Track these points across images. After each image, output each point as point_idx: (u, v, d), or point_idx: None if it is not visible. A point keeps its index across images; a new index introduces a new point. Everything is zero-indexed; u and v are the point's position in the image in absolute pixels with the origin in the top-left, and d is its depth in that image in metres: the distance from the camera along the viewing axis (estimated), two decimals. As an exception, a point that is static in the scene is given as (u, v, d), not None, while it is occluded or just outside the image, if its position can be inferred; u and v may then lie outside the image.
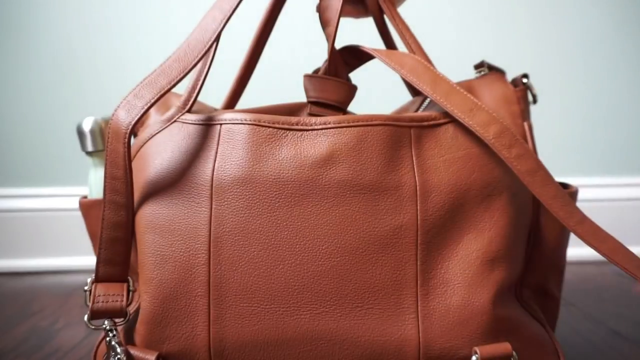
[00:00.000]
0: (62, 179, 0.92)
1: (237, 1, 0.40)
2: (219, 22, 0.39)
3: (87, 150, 0.46)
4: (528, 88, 0.44)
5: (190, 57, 0.38)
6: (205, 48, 0.38)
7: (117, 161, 0.36)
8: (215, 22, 0.39)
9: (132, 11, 0.91)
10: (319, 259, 0.37)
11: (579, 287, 0.77)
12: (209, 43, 0.38)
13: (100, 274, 0.37)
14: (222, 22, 0.39)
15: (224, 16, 0.39)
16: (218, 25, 0.39)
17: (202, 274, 0.36)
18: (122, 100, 0.37)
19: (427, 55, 0.45)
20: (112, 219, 0.36)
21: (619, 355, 0.51)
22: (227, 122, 0.38)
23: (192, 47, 0.39)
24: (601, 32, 0.94)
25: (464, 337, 0.36)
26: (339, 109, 0.42)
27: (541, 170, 0.37)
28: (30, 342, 0.57)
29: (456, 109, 0.38)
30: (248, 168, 0.37)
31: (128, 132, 0.36)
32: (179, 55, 0.39)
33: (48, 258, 0.91)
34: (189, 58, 0.38)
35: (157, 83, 0.37)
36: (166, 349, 0.36)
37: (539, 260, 0.42)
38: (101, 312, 0.36)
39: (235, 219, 0.37)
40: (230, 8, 0.39)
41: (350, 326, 0.36)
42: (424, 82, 0.39)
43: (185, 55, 0.38)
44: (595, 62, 0.95)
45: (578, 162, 0.96)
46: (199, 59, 0.38)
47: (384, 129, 0.38)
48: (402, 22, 0.46)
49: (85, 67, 0.91)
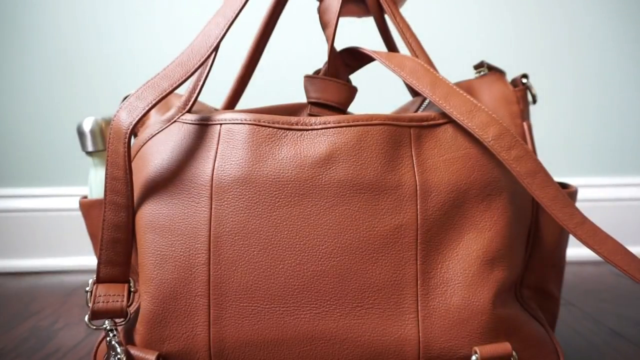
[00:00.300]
0: (62, 179, 0.92)
1: (240, 7, 0.40)
2: (221, 27, 0.40)
3: (87, 150, 0.46)
4: (527, 88, 0.44)
5: (192, 62, 0.39)
6: (208, 53, 0.39)
7: (117, 162, 0.36)
8: (218, 27, 0.40)
9: (133, 11, 0.91)
10: (318, 258, 0.37)
11: (579, 287, 0.77)
12: (212, 48, 0.39)
13: (102, 275, 0.37)
14: (225, 27, 0.40)
15: (227, 22, 0.40)
16: (220, 31, 0.39)
17: (202, 274, 0.36)
18: (124, 102, 0.37)
19: (427, 55, 0.45)
20: (112, 219, 0.36)
21: (619, 355, 0.52)
22: (227, 122, 0.38)
23: (195, 52, 0.39)
24: (602, 32, 0.94)
25: (464, 337, 0.36)
26: (339, 110, 0.42)
27: (541, 171, 0.37)
28: (30, 342, 0.57)
29: (455, 111, 0.38)
30: (248, 168, 0.37)
31: (128, 133, 0.36)
32: (182, 59, 0.39)
33: (48, 258, 0.91)
34: (191, 62, 0.39)
35: (159, 86, 0.38)
36: (166, 349, 0.36)
37: (539, 259, 0.42)
38: (102, 312, 0.36)
39: (235, 218, 0.37)
40: (233, 14, 0.40)
41: (350, 326, 0.36)
42: (423, 84, 0.39)
43: (188, 59, 0.39)
44: (595, 62, 0.95)
45: (578, 162, 0.96)
46: (200, 64, 0.39)
47: (384, 128, 0.38)
48: (403, 22, 0.46)
49: (85, 67, 0.91)
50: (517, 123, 0.42)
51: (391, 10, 0.46)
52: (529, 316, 0.40)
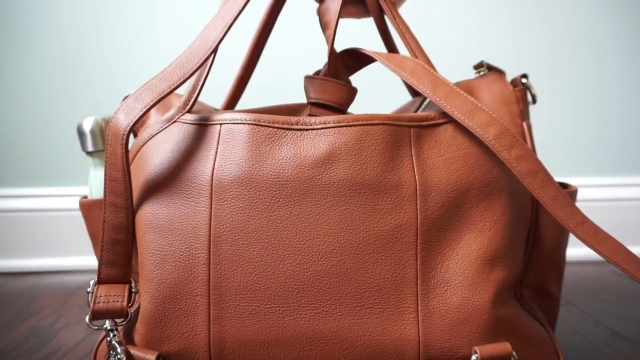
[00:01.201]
0: (62, 179, 0.92)
1: (239, 10, 0.40)
2: (220, 30, 0.40)
3: (87, 150, 0.46)
4: (527, 88, 0.44)
5: (191, 64, 0.39)
6: (206, 55, 0.39)
7: (115, 163, 0.36)
8: (217, 30, 0.40)
9: (131, 12, 0.91)
10: (318, 258, 0.37)
11: (579, 287, 0.77)
12: (210, 50, 0.39)
13: (103, 276, 0.37)
14: (223, 30, 0.40)
15: (225, 25, 0.40)
16: (219, 34, 0.40)
17: (202, 274, 0.36)
18: (122, 103, 0.37)
19: (426, 56, 0.45)
20: (112, 220, 0.37)
21: (619, 355, 0.52)
22: (227, 122, 0.38)
23: (193, 54, 0.39)
24: (602, 32, 0.94)
25: (464, 337, 0.36)
26: (338, 110, 0.42)
27: (541, 171, 0.37)
28: (30, 342, 0.57)
29: (456, 111, 0.38)
30: (248, 168, 0.37)
31: (126, 134, 0.36)
32: (180, 61, 0.39)
33: (48, 258, 0.91)
34: (189, 64, 0.39)
35: (158, 87, 0.38)
36: (166, 349, 0.36)
37: (539, 259, 0.42)
38: (102, 313, 0.36)
39: (235, 218, 0.37)
40: (231, 17, 0.40)
41: (350, 326, 0.36)
42: (424, 84, 0.39)
43: (186, 61, 0.39)
44: (596, 62, 0.95)
45: (578, 162, 0.96)
46: (198, 66, 0.39)
47: (384, 128, 0.38)
48: (402, 22, 0.46)
49: (85, 67, 0.91)
50: (516, 123, 0.42)
51: (390, 11, 0.46)
52: (529, 316, 0.40)
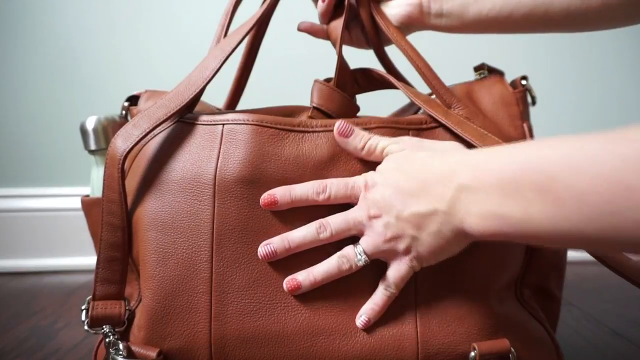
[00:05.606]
0: (63, 179, 0.92)
1: (238, 41, 0.42)
2: (218, 60, 0.41)
3: (89, 149, 0.46)
4: (527, 90, 0.44)
5: (188, 93, 0.40)
6: (202, 85, 0.40)
7: (113, 185, 0.37)
8: (215, 60, 0.41)
9: (133, 11, 0.91)
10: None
11: (579, 287, 0.77)
12: (206, 80, 0.40)
13: (98, 293, 0.38)
14: (221, 61, 0.41)
15: (224, 55, 0.41)
16: (217, 64, 0.41)
17: (204, 271, 0.36)
18: (121, 129, 0.38)
19: (423, 57, 0.45)
20: (109, 239, 0.37)
21: (619, 355, 0.52)
22: (230, 122, 0.39)
23: (192, 82, 0.40)
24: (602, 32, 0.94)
25: (462, 334, 0.36)
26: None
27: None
28: (30, 342, 0.57)
29: (468, 134, 0.38)
30: (251, 168, 0.37)
31: (122, 159, 0.37)
32: (179, 89, 0.40)
33: (48, 258, 0.91)
34: (187, 93, 0.40)
35: (155, 114, 0.39)
36: (167, 346, 0.36)
37: (540, 260, 0.42)
38: (100, 319, 0.37)
39: (238, 217, 0.37)
40: (230, 48, 0.41)
41: (350, 322, 0.37)
42: (438, 113, 0.40)
43: (185, 89, 0.40)
44: (597, 62, 0.95)
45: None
46: (195, 94, 0.40)
47: (383, 131, 0.39)
48: (393, 27, 0.46)
49: (87, 66, 0.91)
50: (516, 124, 0.42)
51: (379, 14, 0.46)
52: (529, 316, 0.40)
